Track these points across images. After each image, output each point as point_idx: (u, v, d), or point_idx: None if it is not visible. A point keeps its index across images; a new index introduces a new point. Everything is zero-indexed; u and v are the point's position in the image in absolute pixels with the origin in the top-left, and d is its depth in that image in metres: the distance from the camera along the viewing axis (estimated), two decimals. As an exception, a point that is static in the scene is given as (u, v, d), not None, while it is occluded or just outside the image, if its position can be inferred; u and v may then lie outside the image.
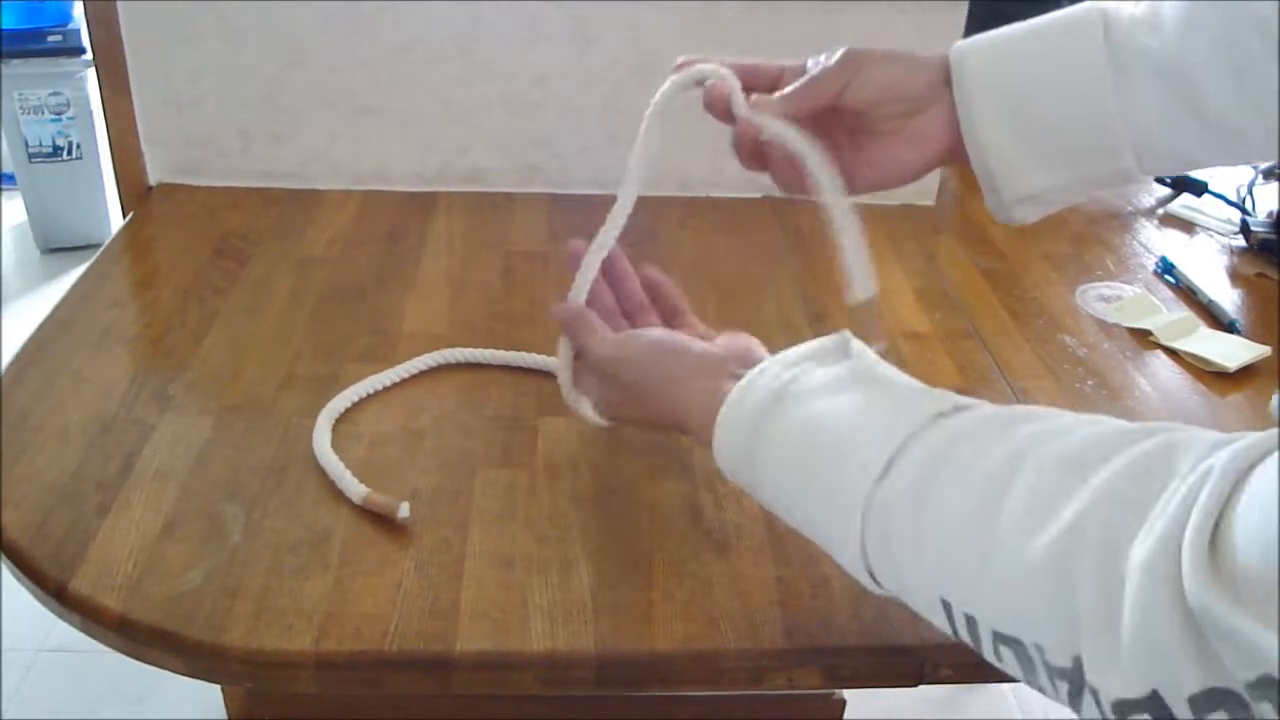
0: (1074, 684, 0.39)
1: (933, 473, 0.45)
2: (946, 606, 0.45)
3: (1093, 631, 0.37)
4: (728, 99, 0.63)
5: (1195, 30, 0.55)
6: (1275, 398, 0.76)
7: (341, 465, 0.67)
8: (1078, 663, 0.38)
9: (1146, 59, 0.56)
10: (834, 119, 0.63)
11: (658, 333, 0.63)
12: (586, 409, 0.67)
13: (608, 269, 0.69)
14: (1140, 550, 0.36)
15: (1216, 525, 0.35)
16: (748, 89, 0.63)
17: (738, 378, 0.55)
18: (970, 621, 0.43)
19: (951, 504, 0.44)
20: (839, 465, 0.49)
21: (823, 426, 0.50)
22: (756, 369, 0.54)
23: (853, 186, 0.64)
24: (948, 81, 0.60)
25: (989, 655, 0.43)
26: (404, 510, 0.63)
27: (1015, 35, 0.60)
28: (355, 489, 0.65)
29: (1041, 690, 0.41)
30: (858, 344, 0.55)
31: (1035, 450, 0.43)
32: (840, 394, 0.51)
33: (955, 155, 0.61)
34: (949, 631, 0.45)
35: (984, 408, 0.48)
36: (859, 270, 0.62)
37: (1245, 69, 0.54)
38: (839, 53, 0.61)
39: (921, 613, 0.48)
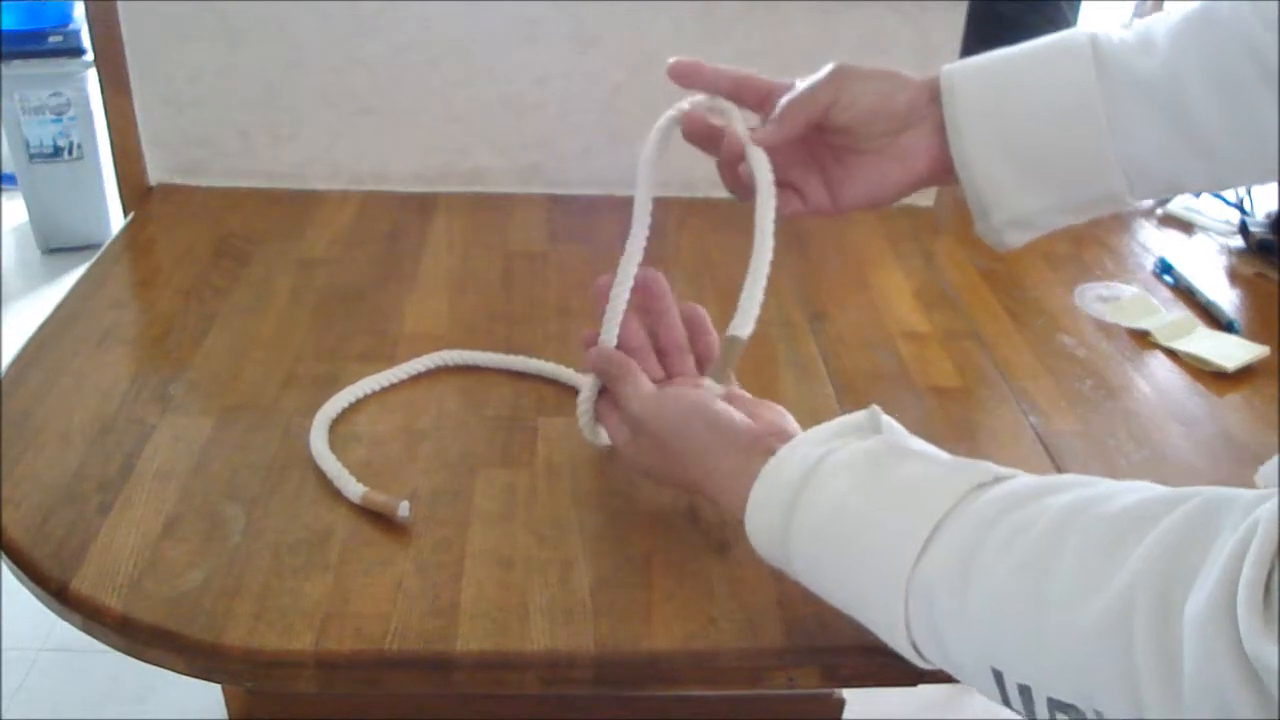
0: None
1: (976, 545, 0.45)
2: (998, 676, 0.44)
3: (1154, 691, 0.37)
4: (705, 126, 0.65)
5: (1185, 53, 0.55)
6: (1261, 469, 0.74)
7: (339, 465, 0.67)
8: None
9: (1136, 82, 0.56)
10: (820, 139, 0.64)
11: (699, 399, 0.60)
12: (604, 440, 0.68)
13: (648, 300, 0.68)
14: (1194, 606, 0.37)
15: (1269, 577, 0.35)
16: (737, 101, 0.64)
17: (772, 453, 0.54)
18: (1024, 691, 0.43)
19: (998, 575, 0.44)
20: (878, 542, 0.49)
21: (859, 504, 0.50)
22: (787, 446, 0.54)
23: (839, 204, 0.64)
24: (933, 100, 0.60)
25: None
26: (404, 509, 0.64)
27: (1005, 59, 0.60)
28: (353, 489, 0.65)
29: None
30: (887, 419, 0.55)
31: (1079, 518, 0.43)
32: (875, 469, 0.51)
33: (940, 175, 0.62)
34: (998, 701, 0.45)
35: (1022, 478, 0.48)
36: (747, 309, 0.62)
37: (1235, 92, 0.55)
38: (826, 69, 0.61)
39: (968, 683, 0.47)
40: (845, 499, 0.50)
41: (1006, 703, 0.45)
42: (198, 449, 0.70)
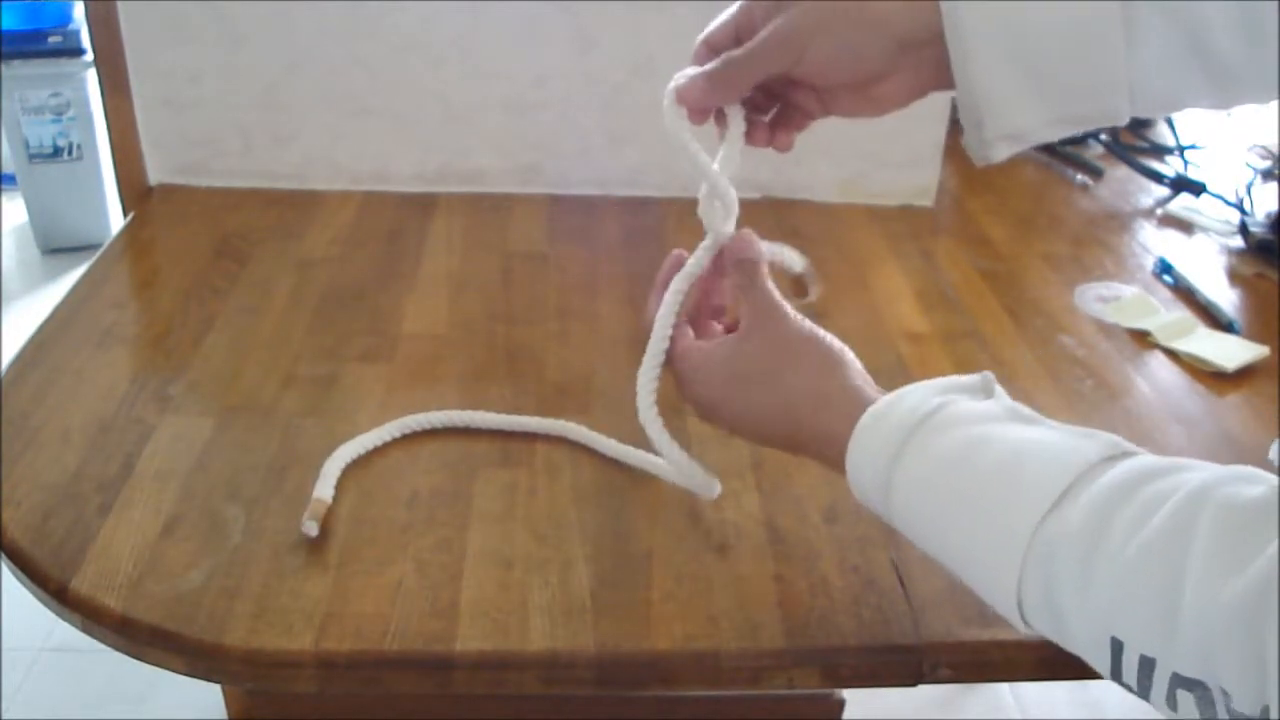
0: None
1: (1108, 514, 0.44)
2: (1117, 646, 0.43)
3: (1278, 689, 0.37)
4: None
5: None
6: (1275, 445, 0.74)
7: (338, 468, 0.68)
8: (1265, 713, 0.38)
9: (1157, 3, 0.54)
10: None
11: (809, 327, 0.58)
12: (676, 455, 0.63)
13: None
14: None
15: None
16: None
17: (866, 400, 0.53)
18: (1145, 663, 0.42)
19: (1134, 543, 0.43)
20: (1000, 500, 0.47)
21: (980, 456, 0.49)
22: (897, 393, 0.53)
23: (833, 113, 0.61)
24: (908, 47, 0.56)
25: (1159, 698, 0.42)
26: (311, 529, 0.62)
27: None
28: (324, 491, 0.65)
29: None
30: (999, 388, 0.53)
31: (1212, 495, 0.42)
32: (996, 426, 0.50)
33: (925, 94, 0.59)
34: (1106, 672, 0.44)
35: (1148, 455, 0.47)
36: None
37: (1259, 19, 0.53)
38: (782, 28, 0.56)
39: (1077, 651, 0.46)
40: (964, 451, 0.49)
41: (1117, 674, 0.44)
42: (198, 449, 0.70)
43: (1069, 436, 0.49)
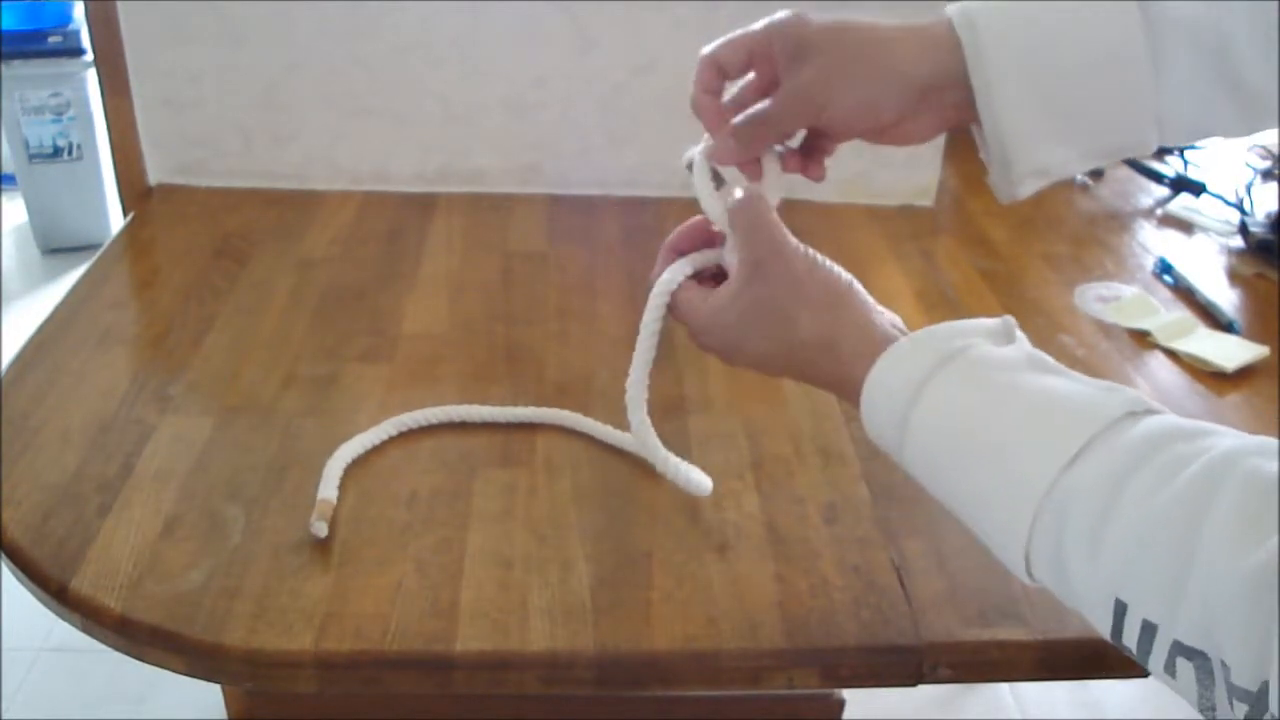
0: (1255, 709, 0.38)
1: (1127, 471, 0.43)
2: (1120, 608, 0.43)
3: None
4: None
5: None
6: None
7: (341, 467, 0.68)
8: (1264, 689, 0.37)
9: (1182, 27, 0.54)
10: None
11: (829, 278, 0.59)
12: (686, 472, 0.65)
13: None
14: None
15: None
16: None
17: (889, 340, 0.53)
18: (1147, 628, 0.42)
19: (1148, 506, 0.42)
20: (1020, 447, 0.47)
21: (1001, 403, 0.48)
22: (918, 333, 0.52)
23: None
24: (924, 92, 0.57)
25: (1157, 666, 0.42)
26: (320, 530, 0.63)
27: (1037, 4, 0.56)
28: (328, 491, 0.66)
29: (1210, 709, 0.40)
30: (1020, 333, 0.53)
31: (1238, 464, 0.41)
32: (1018, 373, 0.49)
33: (946, 130, 0.60)
34: (1106, 633, 0.44)
35: (1170, 415, 0.47)
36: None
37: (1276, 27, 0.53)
38: (803, 85, 0.57)
39: (1078, 609, 0.46)
40: (985, 399, 0.49)
41: (1117, 636, 0.43)
42: (198, 449, 0.70)
43: (1091, 389, 0.48)
